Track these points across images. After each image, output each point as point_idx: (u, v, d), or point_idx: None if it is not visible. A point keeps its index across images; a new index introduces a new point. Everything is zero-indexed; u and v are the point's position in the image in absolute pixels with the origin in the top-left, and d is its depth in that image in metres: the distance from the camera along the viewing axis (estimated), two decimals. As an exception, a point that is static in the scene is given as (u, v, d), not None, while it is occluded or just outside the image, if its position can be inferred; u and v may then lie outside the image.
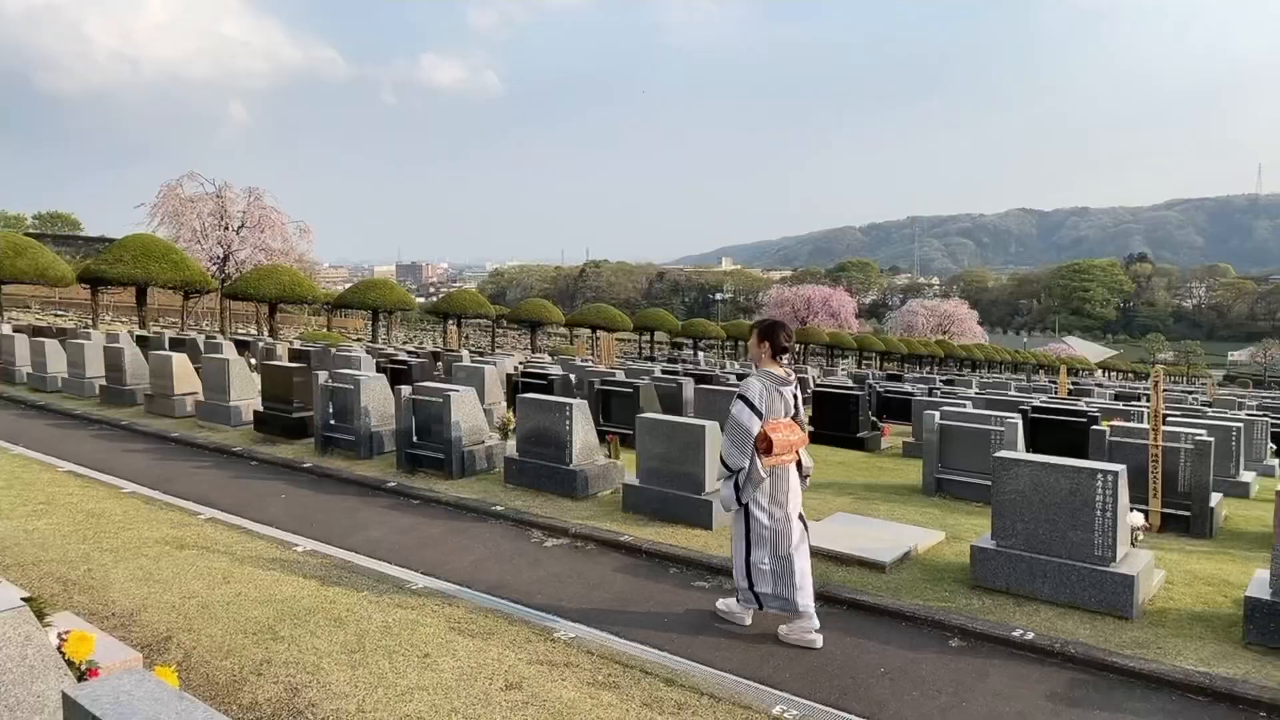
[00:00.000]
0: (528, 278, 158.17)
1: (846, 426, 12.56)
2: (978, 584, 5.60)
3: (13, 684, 2.90)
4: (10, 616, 2.90)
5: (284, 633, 4.52)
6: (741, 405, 4.84)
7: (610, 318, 44.21)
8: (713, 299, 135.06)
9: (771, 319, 5.48)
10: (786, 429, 4.87)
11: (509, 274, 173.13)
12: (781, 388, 4.94)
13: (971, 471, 8.65)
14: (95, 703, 2.15)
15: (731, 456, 4.85)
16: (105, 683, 2.26)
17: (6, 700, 2.88)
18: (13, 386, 15.21)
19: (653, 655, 4.57)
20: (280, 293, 30.80)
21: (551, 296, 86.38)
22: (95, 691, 2.21)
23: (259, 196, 37.99)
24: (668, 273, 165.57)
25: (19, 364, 15.72)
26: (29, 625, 2.94)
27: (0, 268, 23.46)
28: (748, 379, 5.01)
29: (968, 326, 73.66)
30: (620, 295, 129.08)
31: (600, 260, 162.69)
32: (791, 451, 4.93)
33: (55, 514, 6.86)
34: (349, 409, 9.69)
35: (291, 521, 7.11)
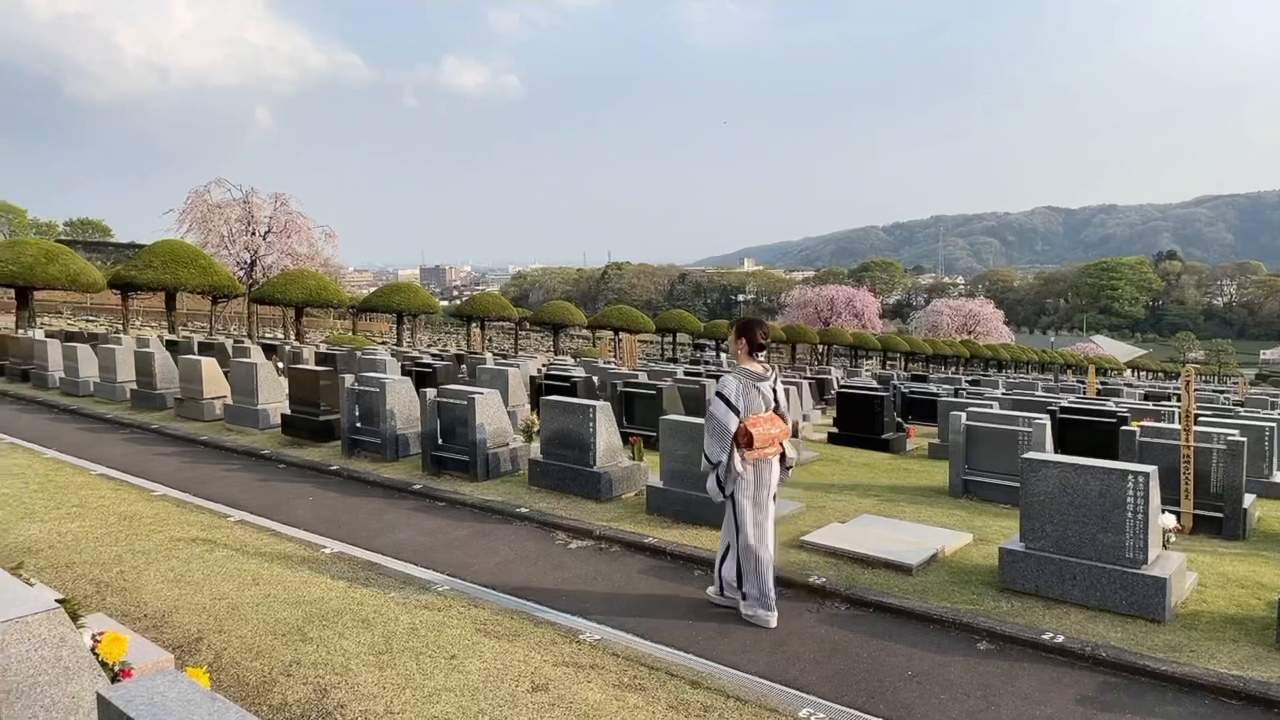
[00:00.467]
0: (550, 280, 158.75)
1: (871, 428, 12.48)
2: (1006, 587, 5.54)
3: (48, 685, 2.94)
4: (45, 618, 2.94)
5: (313, 634, 4.56)
6: (719, 402, 5.05)
7: (632, 319, 44.22)
8: (735, 300, 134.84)
9: (747, 317, 5.66)
10: (767, 423, 5.05)
11: (531, 276, 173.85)
12: (759, 383, 5.11)
13: (999, 473, 8.57)
14: (129, 704, 2.18)
15: (711, 451, 5.07)
16: (139, 684, 2.29)
17: (42, 701, 2.92)
18: (45, 391, 15.47)
19: (678, 657, 4.57)
20: (306, 297, 31.11)
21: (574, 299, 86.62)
22: (129, 693, 2.24)
23: (285, 202, 38.39)
24: (690, 274, 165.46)
25: (52, 369, 15.98)
26: (63, 627, 2.99)
27: (33, 274, 23.87)
28: (725, 377, 5.20)
29: (993, 326, 72.98)
30: (642, 297, 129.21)
31: (622, 262, 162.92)
32: (774, 444, 5.11)
33: (88, 517, 6.97)
34: (375, 412, 9.77)
35: (319, 524, 7.17)
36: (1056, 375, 57.35)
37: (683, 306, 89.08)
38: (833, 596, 5.48)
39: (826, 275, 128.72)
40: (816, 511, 7.54)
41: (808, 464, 10.36)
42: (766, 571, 5.09)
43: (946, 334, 69.57)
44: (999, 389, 20.10)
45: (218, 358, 14.02)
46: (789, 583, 5.68)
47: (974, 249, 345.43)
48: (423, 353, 22.68)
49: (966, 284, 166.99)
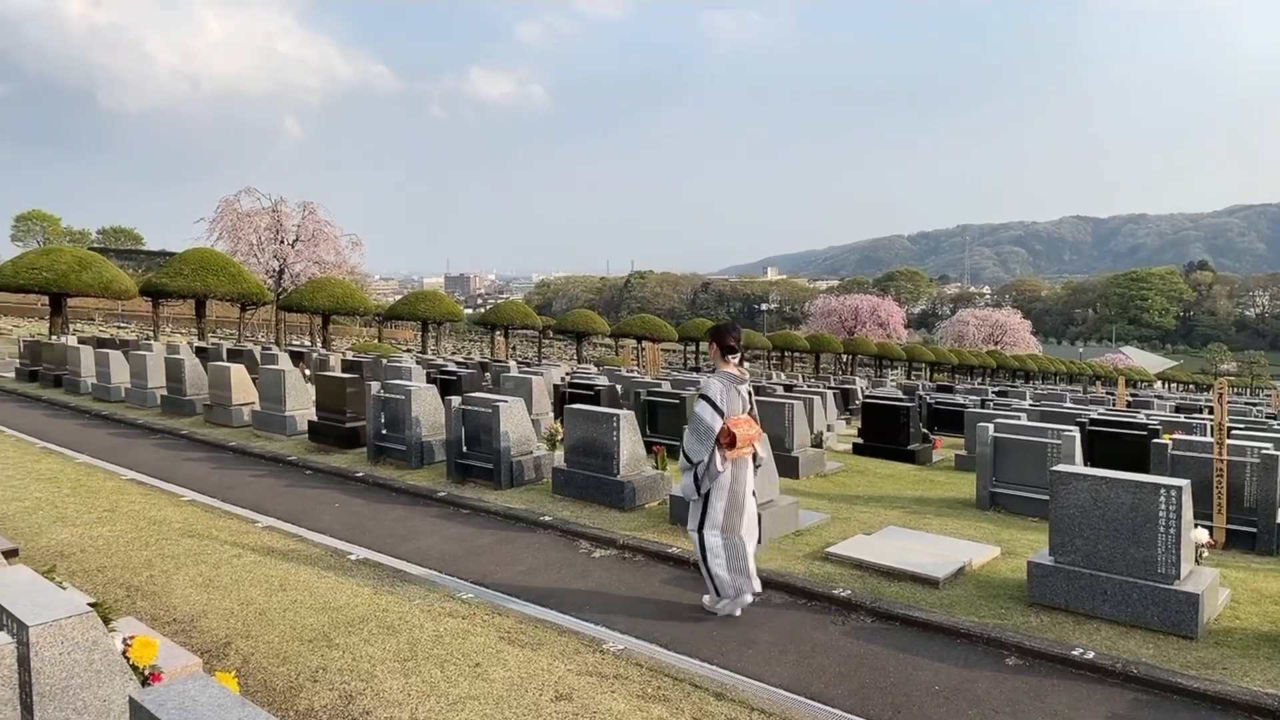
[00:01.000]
0: (573, 288, 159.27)
1: (896, 439, 12.39)
2: (1035, 601, 5.47)
3: (80, 688, 2.98)
4: (78, 622, 2.98)
5: (338, 640, 4.59)
6: (704, 404, 5.27)
7: (655, 328, 44.25)
8: (758, 309, 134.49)
9: (720, 323, 5.96)
10: (745, 424, 5.31)
11: (555, 285, 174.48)
12: (738, 386, 5.39)
13: (1027, 485, 8.47)
14: (161, 708, 2.21)
15: (693, 450, 5.27)
16: (170, 688, 2.32)
17: (75, 704, 2.96)
18: (78, 396, 15.72)
19: (702, 668, 4.55)
20: (333, 305, 31.45)
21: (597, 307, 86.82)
22: (161, 696, 2.27)
23: (313, 210, 38.86)
24: (713, 283, 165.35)
25: (84, 375, 16.24)
26: (96, 630, 3.03)
27: (67, 281, 24.31)
28: (709, 379, 5.43)
29: (1020, 337, 72.28)
30: (665, 305, 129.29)
31: (645, 271, 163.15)
32: (750, 444, 5.37)
33: (119, 521, 7.06)
34: (400, 419, 9.84)
35: (345, 530, 7.23)
36: (1085, 387, 56.67)
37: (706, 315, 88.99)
38: (858, 609, 5.44)
39: (851, 284, 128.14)
40: (841, 523, 7.49)
41: (832, 475, 10.30)
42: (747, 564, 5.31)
43: (972, 344, 68.98)
44: (1026, 400, 19.88)
45: (246, 364, 14.17)
46: (813, 594, 5.65)
47: (1000, 258, 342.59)
48: (447, 360, 22.82)
49: (993, 294, 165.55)
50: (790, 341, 52.71)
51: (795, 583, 5.81)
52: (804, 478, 9.89)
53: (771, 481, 7.11)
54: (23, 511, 7.28)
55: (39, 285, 24.38)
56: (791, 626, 5.20)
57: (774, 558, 6.37)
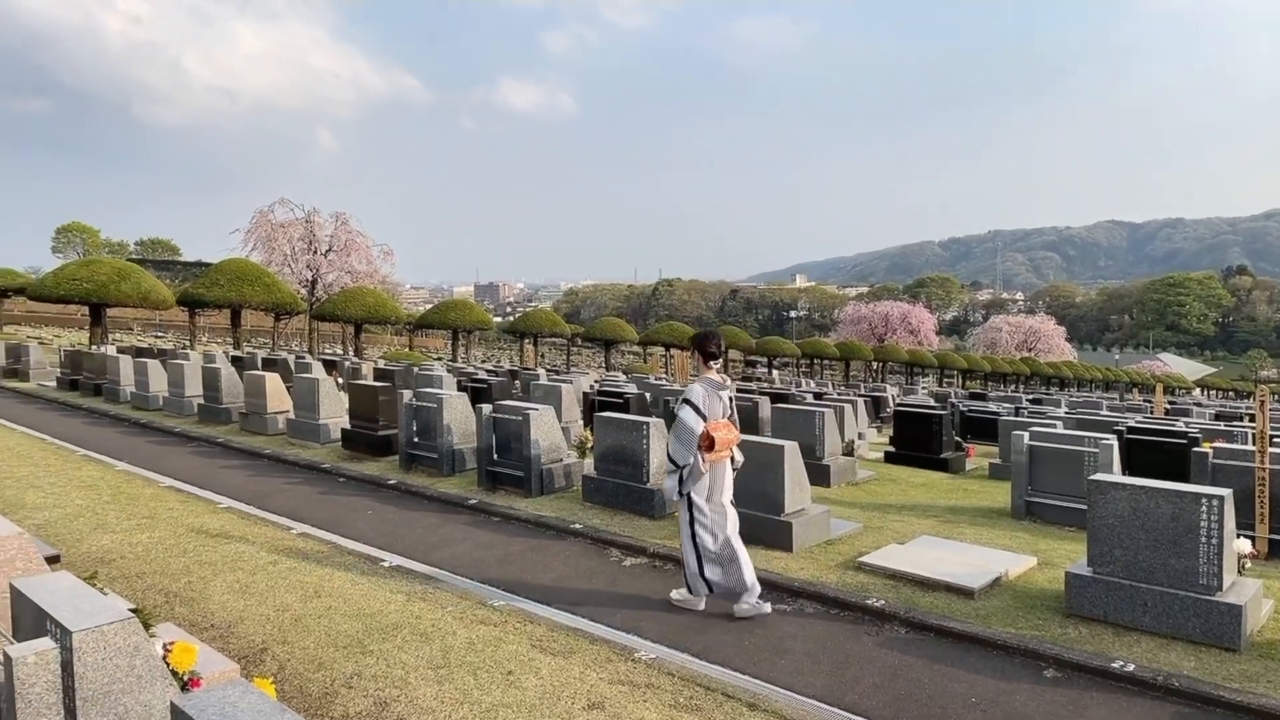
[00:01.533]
0: (601, 296, 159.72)
1: (929, 447, 12.26)
2: (1073, 612, 5.39)
3: (122, 693, 3.03)
4: (120, 627, 3.03)
5: (373, 647, 4.63)
6: (687, 408, 5.45)
7: (683, 335, 44.15)
8: (787, 316, 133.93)
9: (702, 331, 6.12)
10: (725, 429, 5.47)
11: (583, 293, 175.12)
12: (720, 391, 5.56)
13: (1063, 494, 8.34)
14: (202, 713, 2.24)
15: (679, 454, 5.44)
16: (211, 694, 2.35)
17: (117, 709, 3.01)
18: (117, 405, 16.02)
19: (734, 678, 4.52)
20: (365, 314, 31.79)
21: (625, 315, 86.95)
22: (202, 702, 2.30)
23: (345, 221, 39.36)
24: (741, 290, 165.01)
25: (123, 384, 16.54)
26: (138, 636, 3.08)
27: (106, 292, 24.81)
28: (691, 385, 5.61)
29: (1054, 343, 71.31)
30: (693, 313, 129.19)
31: (673, 278, 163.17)
32: (728, 449, 5.55)
33: (157, 528, 7.18)
34: (432, 427, 9.91)
35: (378, 537, 7.29)
36: (1122, 394, 55.74)
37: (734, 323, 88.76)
38: (892, 619, 5.38)
39: (881, 291, 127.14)
40: (874, 532, 7.42)
41: (864, 483, 10.21)
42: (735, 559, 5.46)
43: (1005, 351, 68.16)
44: (1061, 408, 19.59)
45: (280, 373, 14.37)
46: (846, 604, 5.60)
47: (1033, 264, 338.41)
48: (478, 368, 22.97)
49: (1026, 300, 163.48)
50: (820, 349, 52.44)
51: (828, 592, 5.77)
52: (835, 486, 9.82)
53: (803, 490, 7.07)
54: (64, 518, 7.42)
55: (79, 296, 24.91)
56: (824, 636, 5.16)
57: (806, 567, 6.33)
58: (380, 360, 28.33)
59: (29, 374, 20.45)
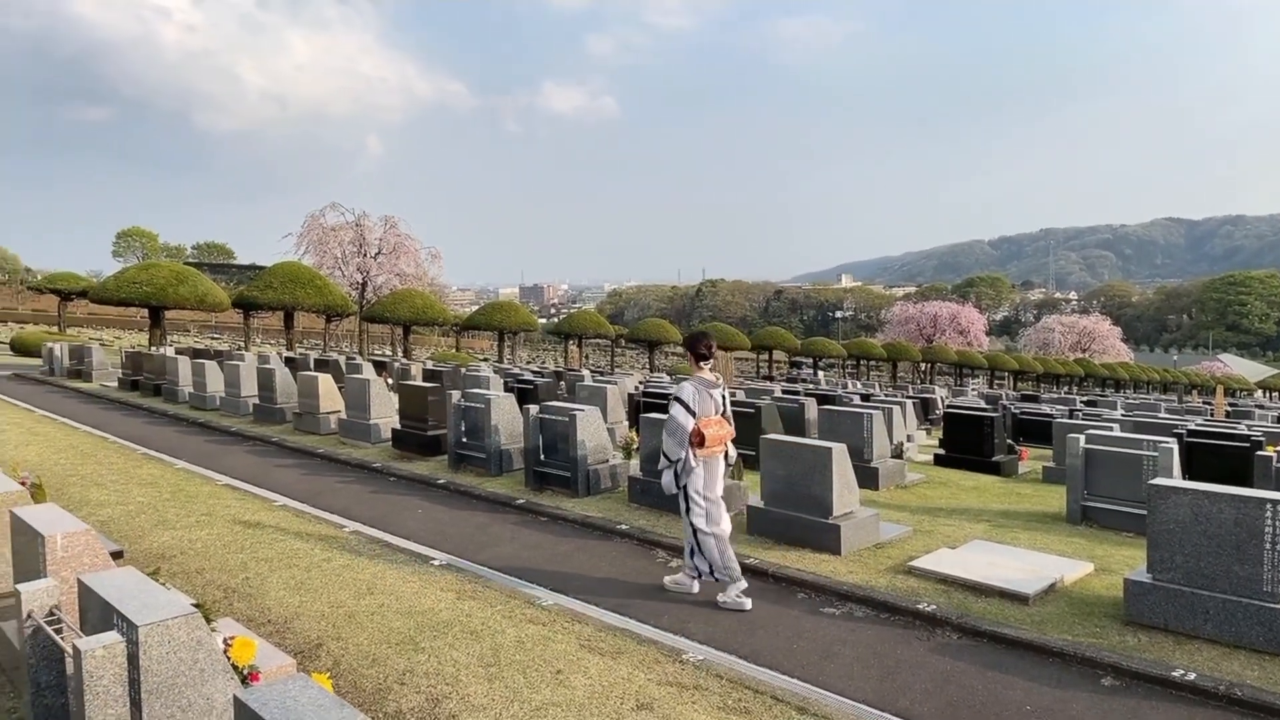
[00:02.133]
0: (645, 298, 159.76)
1: (980, 450, 12.04)
2: (1131, 620, 5.26)
3: (185, 686, 3.11)
4: (183, 622, 3.11)
5: (424, 644, 4.70)
6: (678, 406, 5.71)
7: (727, 336, 44.04)
8: (833, 317, 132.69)
9: (694, 332, 6.42)
10: (716, 425, 5.74)
11: (626, 294, 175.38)
12: (711, 390, 5.81)
13: (1121, 499, 8.14)
14: (264, 707, 2.29)
15: (671, 449, 5.74)
16: (273, 688, 2.41)
17: (180, 701, 3.09)
18: (176, 404, 16.45)
19: (783, 681, 4.50)
20: (414, 315, 32.25)
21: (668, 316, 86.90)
22: (264, 696, 2.35)
23: (394, 224, 39.95)
24: (785, 290, 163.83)
25: (182, 384, 16.99)
26: (200, 630, 3.16)
27: (165, 295, 25.52)
28: (683, 383, 5.90)
29: (1110, 344, 69.61)
30: (736, 314, 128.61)
31: (716, 279, 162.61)
32: (721, 444, 5.81)
33: (215, 525, 7.37)
34: (480, 427, 10.01)
35: (427, 536, 7.39)
36: (1180, 396, 54.22)
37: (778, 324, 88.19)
38: (943, 625, 5.31)
39: (929, 291, 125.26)
40: (924, 536, 7.32)
41: (913, 486, 10.08)
42: (727, 549, 5.76)
43: (1058, 352, 66.74)
44: (1118, 410, 19.13)
45: (332, 374, 14.63)
46: (896, 609, 5.53)
47: (1087, 263, 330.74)
48: (523, 369, 23.14)
49: (1080, 299, 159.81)
50: (866, 349, 51.86)
51: (877, 596, 5.70)
52: (884, 489, 9.70)
53: (851, 492, 7.00)
54: (126, 515, 7.66)
55: (139, 299, 25.65)
56: (874, 641, 5.11)
57: (855, 570, 6.27)
58: (428, 361, 28.70)
59: (92, 375, 21.11)
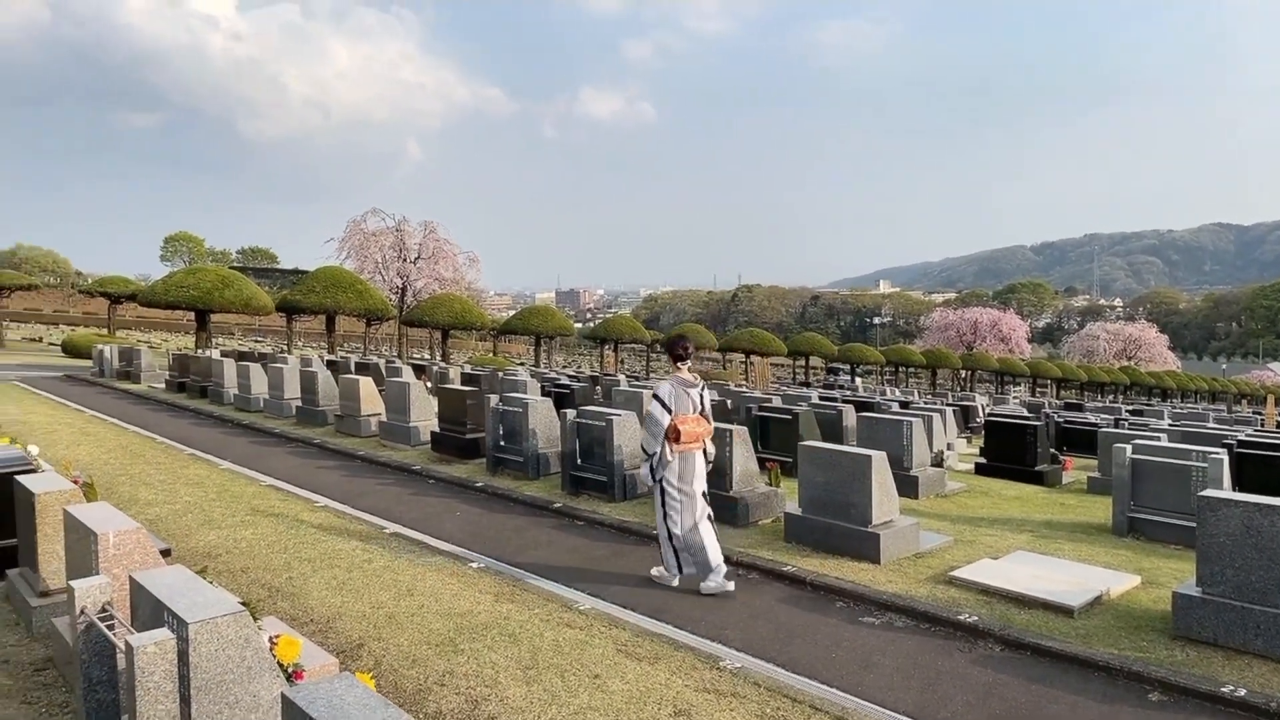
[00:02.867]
0: (680, 303, 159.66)
1: (1022, 459, 11.86)
2: (1179, 634, 5.14)
3: (233, 683, 3.17)
4: (232, 620, 3.17)
5: (463, 646, 4.74)
6: (655, 403, 6.07)
7: (763, 342, 43.87)
8: (870, 323, 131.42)
9: (673, 334, 6.83)
10: (693, 422, 6.05)
11: (662, 299, 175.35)
12: (689, 389, 6.13)
13: (1168, 510, 7.96)
14: (312, 705, 2.33)
15: (648, 444, 6.09)
16: (319, 686, 2.44)
17: (228, 698, 3.15)
18: (221, 406, 16.79)
19: (821, 690, 4.46)
20: (452, 320, 32.56)
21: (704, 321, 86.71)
22: (311, 694, 2.39)
23: (433, 229, 40.41)
24: (822, 296, 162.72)
25: (227, 386, 17.33)
26: (248, 629, 3.22)
27: (211, 298, 26.06)
28: (661, 383, 6.29)
29: (1156, 352, 68.16)
30: (772, 319, 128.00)
31: (752, 284, 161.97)
32: (698, 441, 6.10)
33: (259, 525, 7.50)
34: (517, 431, 10.08)
35: (466, 538, 7.45)
36: (1229, 406, 52.89)
37: (815, 329, 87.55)
38: (985, 636, 5.23)
39: (969, 297, 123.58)
40: (965, 546, 7.22)
41: (954, 495, 9.95)
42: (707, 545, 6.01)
43: (1103, 359, 65.48)
44: (1165, 420, 18.72)
45: (373, 377, 14.83)
46: (937, 619, 5.47)
47: (1133, 269, 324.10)
48: (560, 374, 23.25)
49: (1125, 306, 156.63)
50: (905, 356, 51.32)
51: (918, 606, 5.64)
52: (923, 498, 9.59)
53: (891, 501, 6.94)
54: (174, 514, 7.83)
55: (186, 302, 26.23)
56: (914, 651, 5.05)
57: (894, 579, 6.20)
58: (466, 365, 28.97)
59: (140, 376, 21.61)
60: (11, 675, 4.21)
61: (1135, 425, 15.21)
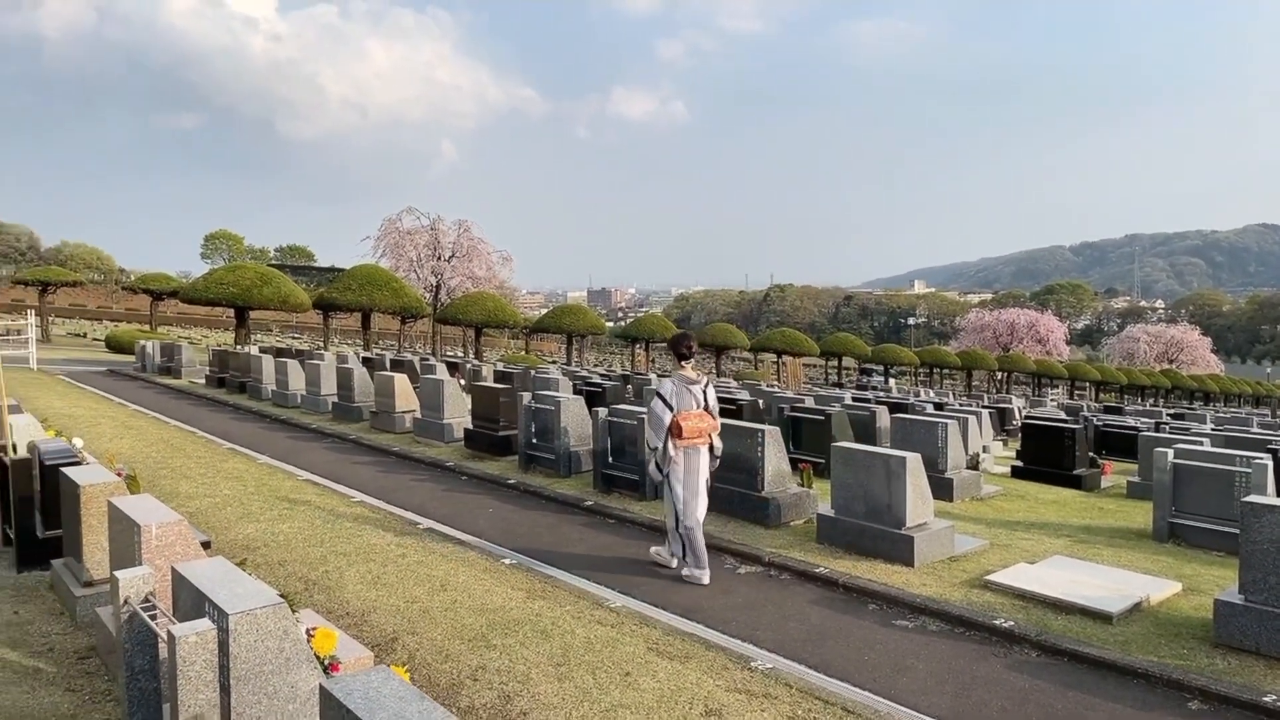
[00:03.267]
0: (711, 302, 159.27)
1: (1060, 462, 11.67)
2: (1221, 642, 5.04)
3: (271, 674, 3.23)
4: (271, 612, 3.23)
5: (495, 641, 4.77)
6: (657, 400, 6.24)
7: (795, 342, 43.61)
8: (904, 323, 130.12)
9: (677, 332, 6.89)
10: (696, 418, 6.20)
11: (693, 298, 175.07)
12: (691, 386, 6.29)
13: (1211, 517, 7.80)
14: (349, 696, 2.37)
15: (651, 440, 6.30)
16: (356, 679, 2.48)
17: (266, 689, 3.21)
18: (259, 401, 17.06)
19: (854, 693, 4.44)
20: (485, 318, 32.78)
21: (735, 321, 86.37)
22: (348, 686, 2.43)
23: (467, 228, 40.70)
24: (855, 296, 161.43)
25: (265, 382, 17.60)
26: (287, 620, 3.27)
27: (250, 296, 26.46)
28: (663, 380, 6.45)
29: (1199, 355, 66.76)
30: (805, 319, 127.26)
31: (785, 284, 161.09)
32: (702, 436, 6.25)
33: (296, 519, 7.61)
34: (550, 429, 10.13)
35: (498, 535, 7.50)
36: (1274, 410, 51.65)
37: (848, 330, 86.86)
38: (1021, 642, 5.16)
39: (1006, 298, 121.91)
40: (1001, 550, 7.14)
41: (989, 499, 9.83)
42: (698, 539, 6.23)
43: (1143, 362, 64.28)
44: (1207, 424, 18.32)
45: (407, 374, 14.97)
46: (972, 624, 5.41)
47: (1175, 270, 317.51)
48: (591, 372, 23.32)
49: (1167, 308, 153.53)
50: (940, 357, 50.74)
51: (952, 610, 5.58)
52: (958, 501, 9.49)
53: (925, 503, 6.87)
54: (213, 507, 7.97)
55: (226, 299, 26.66)
56: (949, 656, 5.00)
57: (929, 583, 6.14)
58: (499, 363, 29.15)
59: (181, 371, 22.02)
60: (56, 663, 4.31)
61: (1176, 429, 14.92)
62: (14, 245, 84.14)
